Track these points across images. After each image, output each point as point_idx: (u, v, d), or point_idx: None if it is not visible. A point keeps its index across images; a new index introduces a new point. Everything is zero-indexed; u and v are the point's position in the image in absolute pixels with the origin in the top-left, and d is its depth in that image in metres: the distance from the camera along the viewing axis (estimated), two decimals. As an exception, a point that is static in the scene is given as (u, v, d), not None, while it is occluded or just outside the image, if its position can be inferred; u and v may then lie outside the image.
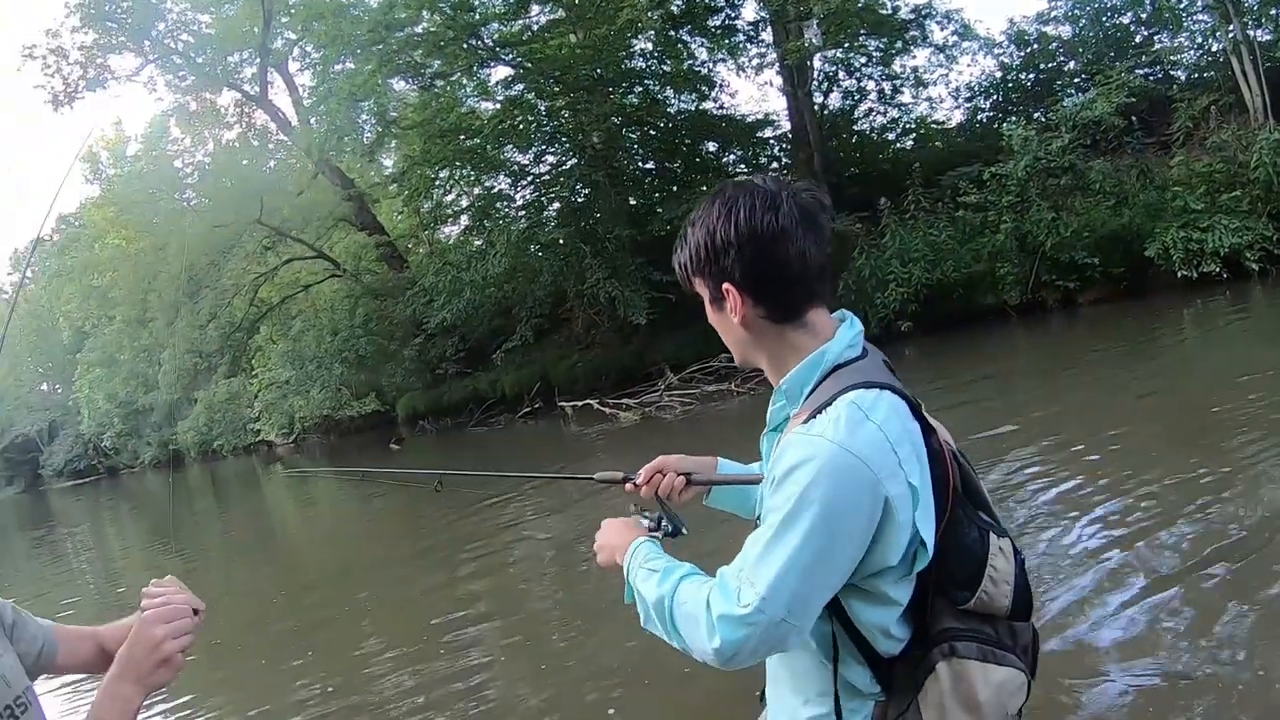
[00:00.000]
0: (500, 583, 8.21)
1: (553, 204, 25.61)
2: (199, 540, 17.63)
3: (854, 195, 21.13)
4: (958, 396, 11.94)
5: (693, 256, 1.63)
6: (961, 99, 26.36)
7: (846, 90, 25.81)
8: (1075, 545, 5.76)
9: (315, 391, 31.19)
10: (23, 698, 1.59)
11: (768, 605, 1.41)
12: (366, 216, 30.83)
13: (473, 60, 24.56)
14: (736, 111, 26.41)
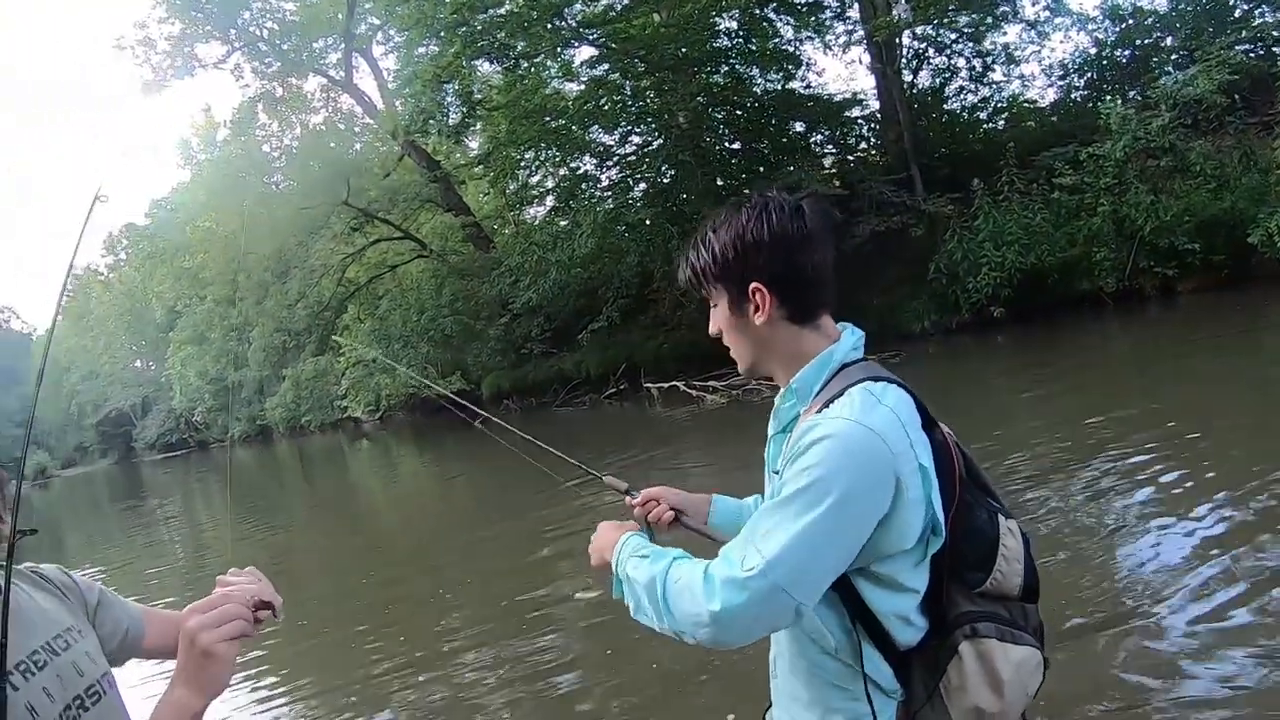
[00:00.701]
0: (579, 564, 8.31)
1: (639, 185, 25.69)
2: (284, 514, 18.18)
3: (944, 176, 20.75)
4: (1052, 385, 11.75)
5: (717, 259, 1.67)
6: (1054, 77, 25.54)
7: (936, 68, 25.20)
8: (1178, 540, 5.61)
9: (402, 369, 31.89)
10: (96, 686, 1.54)
11: (771, 569, 1.43)
12: (452, 197, 31.26)
13: (556, 41, 24.62)
14: (824, 90, 26.04)
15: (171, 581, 12.43)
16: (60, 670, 1.48)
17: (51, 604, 1.61)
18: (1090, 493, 6.71)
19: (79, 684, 1.50)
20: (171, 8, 31.44)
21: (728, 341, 1.75)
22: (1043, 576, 1.70)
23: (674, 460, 10.67)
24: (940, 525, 1.54)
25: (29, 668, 1.43)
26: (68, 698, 1.46)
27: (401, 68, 28.25)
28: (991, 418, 10.36)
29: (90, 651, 1.58)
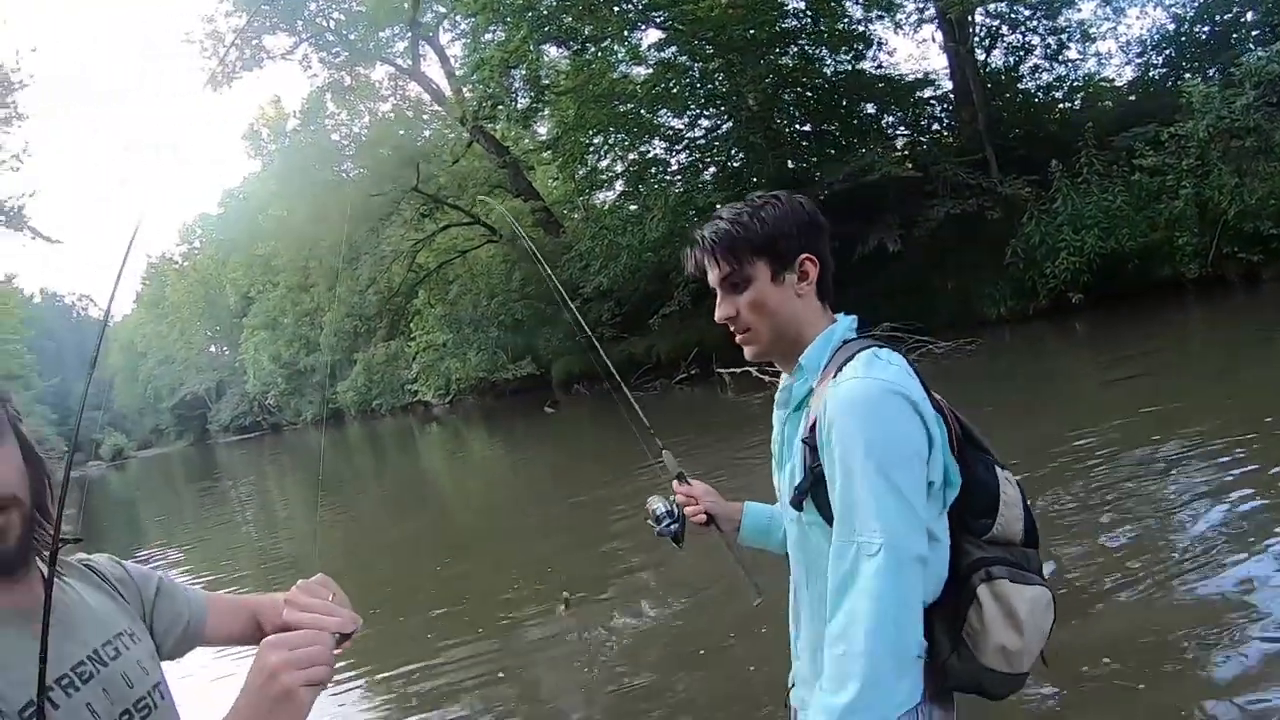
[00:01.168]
0: (642, 545, 8.32)
1: (709, 168, 25.73)
2: (355, 494, 18.65)
3: (1020, 158, 20.40)
4: (1132, 373, 11.65)
5: (764, 229, 1.77)
6: (1131, 54, 24.98)
7: (1010, 46, 24.69)
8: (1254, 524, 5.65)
9: (472, 354, 32.49)
10: (146, 699, 1.41)
11: (890, 535, 1.51)
12: (522, 183, 31.59)
13: (623, 24, 24.73)
14: (895, 71, 25.75)
15: (244, 560, 12.85)
16: (107, 682, 1.35)
17: (102, 603, 1.48)
18: (1169, 480, 6.79)
19: (128, 697, 1.37)
20: (238, 1, 32.11)
21: (751, 318, 1.80)
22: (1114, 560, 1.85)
23: (745, 446, 10.83)
24: (954, 474, 1.65)
25: (72, 682, 1.30)
26: (115, 713, 1.34)
27: (468, 54, 28.57)
28: (1070, 407, 10.37)
29: (142, 659, 1.45)
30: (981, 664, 1.64)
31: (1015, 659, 1.65)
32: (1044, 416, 10.09)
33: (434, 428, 32.43)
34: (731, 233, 1.79)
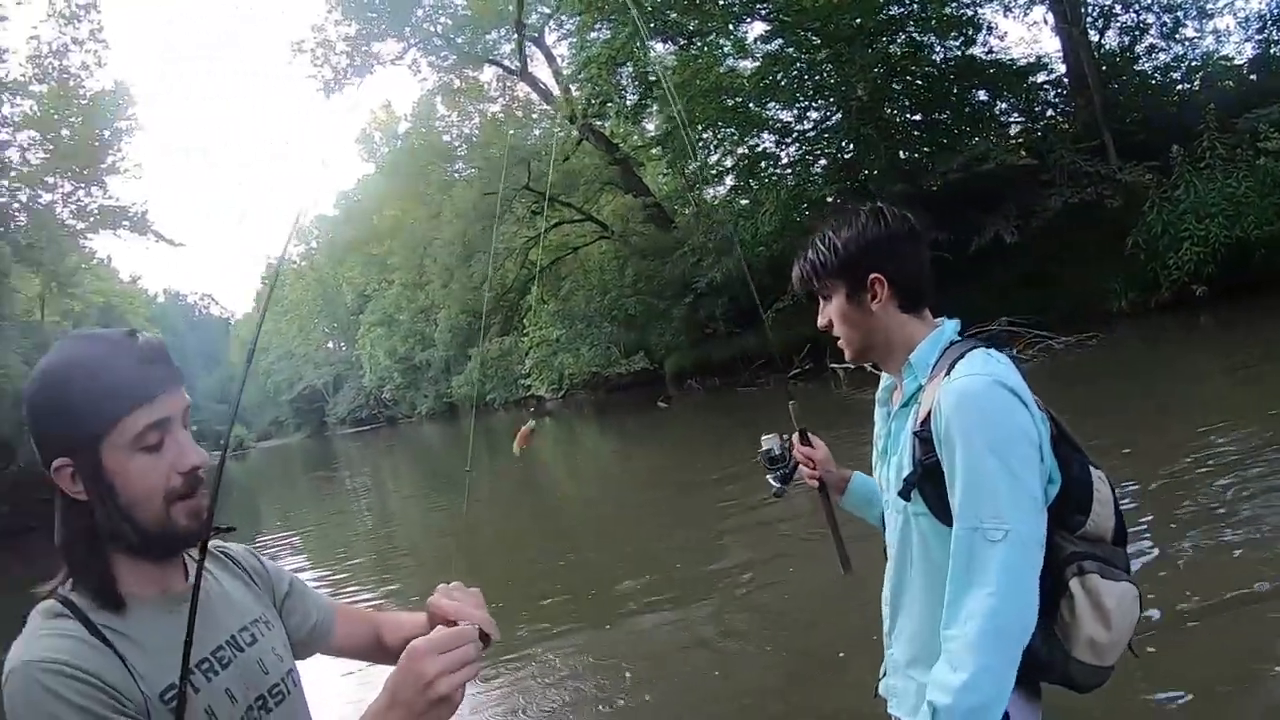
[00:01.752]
0: (750, 538, 8.42)
1: (819, 161, 25.94)
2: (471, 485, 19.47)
3: (1139, 143, 19.89)
4: (1261, 370, 11.43)
5: (839, 254, 1.93)
6: (1251, 30, 23.99)
7: (1124, 25, 24.09)
8: None
9: (585, 349, 33.44)
10: (280, 686, 1.46)
11: (1012, 522, 1.62)
12: (632, 179, 32.41)
13: (728, 17, 25.13)
14: (1006, 56, 25.42)
15: (359, 548, 13.40)
16: (244, 668, 1.41)
17: (239, 590, 1.54)
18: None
19: (263, 683, 1.43)
20: (347, 10, 33.59)
21: (839, 330, 1.99)
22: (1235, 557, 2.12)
23: (860, 442, 11.12)
24: (1054, 472, 1.75)
25: (212, 666, 1.36)
26: (250, 698, 1.39)
27: (575, 53, 29.39)
28: (1197, 405, 10.24)
29: (277, 646, 1.51)
30: (1071, 655, 1.74)
31: (1103, 651, 1.75)
32: (1169, 415, 10.05)
33: (547, 421, 33.20)
34: (813, 257, 1.98)
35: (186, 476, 1.32)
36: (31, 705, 1.17)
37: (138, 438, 1.29)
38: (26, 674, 1.18)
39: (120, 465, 1.29)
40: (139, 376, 1.30)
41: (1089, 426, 8.07)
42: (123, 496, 1.29)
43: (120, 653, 1.24)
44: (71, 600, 1.29)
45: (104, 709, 1.18)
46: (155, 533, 1.31)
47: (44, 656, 1.19)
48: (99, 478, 1.29)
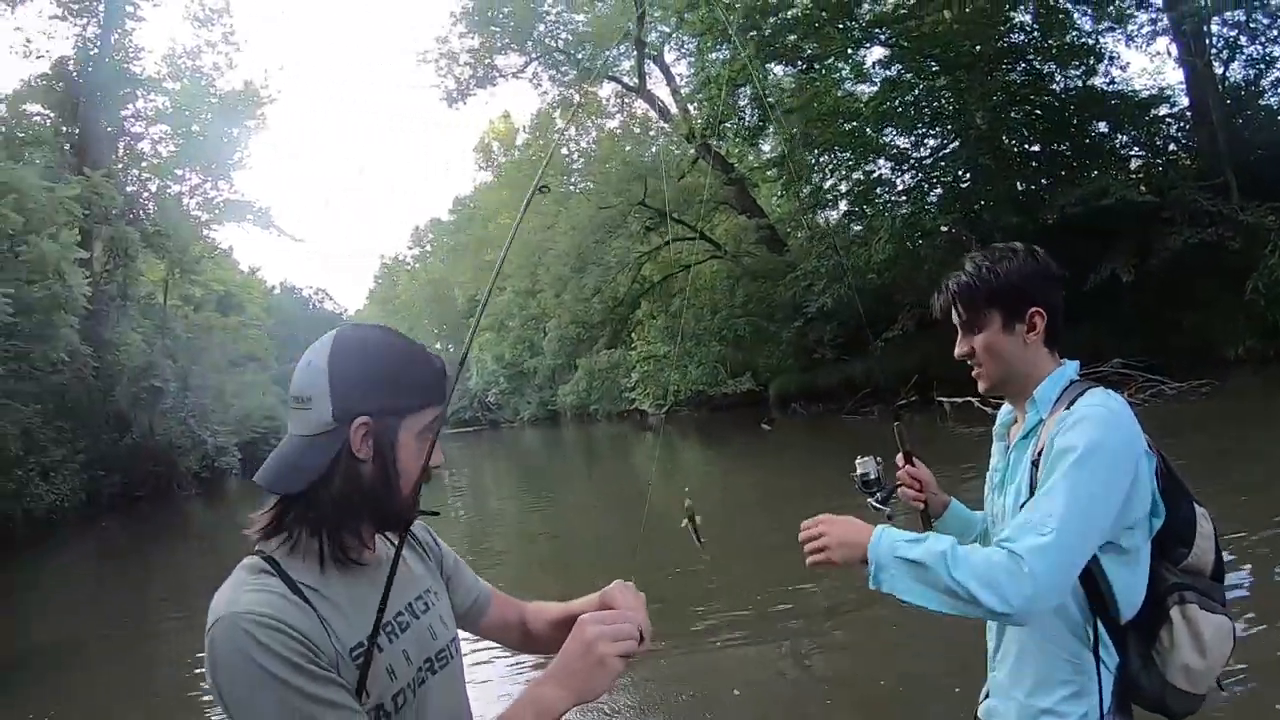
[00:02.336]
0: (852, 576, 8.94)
1: (935, 189, 26.12)
2: (566, 490, 20.12)
3: (1264, 182, 19.48)
4: None
5: (999, 284, 2.01)
6: None
7: (1249, 58, 23.37)
8: None
9: (692, 367, 34.29)
10: (445, 651, 1.61)
11: (1064, 529, 1.69)
12: (746, 200, 33.30)
13: (846, 41, 25.69)
14: (1128, 87, 24.97)
15: (459, 546, 14.33)
16: (418, 633, 1.55)
17: (415, 562, 1.69)
18: None
19: (432, 647, 1.57)
20: (471, 23, 35.22)
21: (983, 358, 2.06)
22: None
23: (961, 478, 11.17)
24: (1160, 506, 1.85)
25: (394, 629, 1.49)
26: (420, 660, 1.53)
27: (695, 73, 30.28)
28: None
29: (444, 615, 1.66)
30: (1167, 680, 1.84)
31: (1197, 679, 1.83)
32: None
33: (648, 436, 33.90)
34: (971, 284, 2.04)
35: (433, 471, 1.53)
36: (238, 652, 1.29)
37: (426, 428, 1.50)
38: (234, 624, 1.30)
39: (406, 444, 1.48)
40: (439, 384, 1.54)
41: (1198, 471, 8.39)
42: (395, 468, 1.47)
43: (317, 610, 1.37)
44: (274, 559, 1.42)
45: (304, 660, 1.31)
46: (399, 510, 1.50)
47: (251, 609, 1.31)
48: (388, 448, 1.46)
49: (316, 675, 1.31)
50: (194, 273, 37.55)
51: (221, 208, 36.22)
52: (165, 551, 18.87)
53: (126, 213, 29.69)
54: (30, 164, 23.28)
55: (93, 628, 10.66)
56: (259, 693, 1.28)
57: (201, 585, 8.28)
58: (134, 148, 33.73)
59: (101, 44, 30.92)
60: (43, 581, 16.29)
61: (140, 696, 7.77)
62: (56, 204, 22.02)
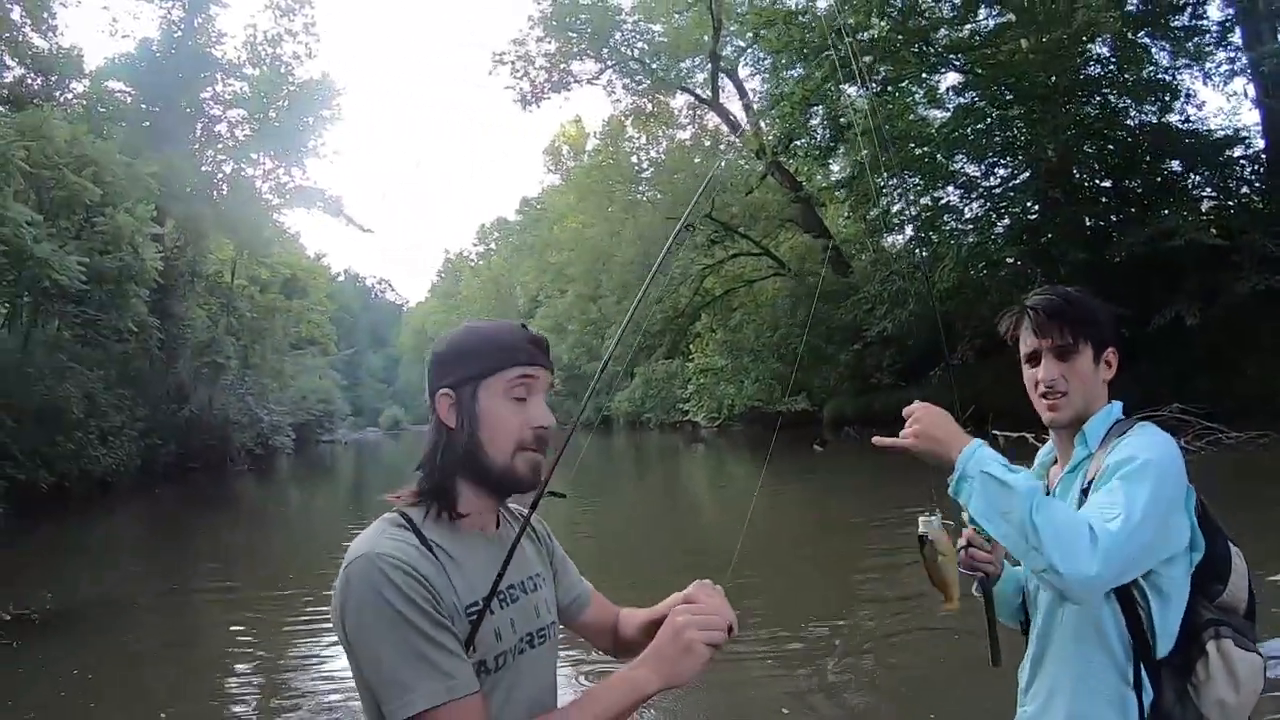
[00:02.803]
0: (889, 587, 8.69)
1: (1002, 220, 26.18)
2: (613, 496, 20.16)
3: None
4: None
5: (1095, 316, 2.04)
6: None
7: None
8: None
9: (748, 382, 34.61)
10: (545, 630, 1.70)
11: (1130, 522, 1.71)
12: (813, 219, 33.54)
13: (922, 66, 26.04)
14: (1203, 126, 24.63)
15: None
16: (525, 607, 1.64)
17: (529, 545, 1.78)
18: None
19: (535, 624, 1.66)
20: (548, 28, 35.97)
21: (1073, 388, 2.02)
22: None
23: None
24: (1200, 539, 1.87)
25: (506, 598, 1.60)
26: (522, 632, 1.62)
27: (769, 89, 30.65)
28: None
29: (548, 599, 1.75)
30: (1202, 714, 1.84)
31: (1230, 713, 1.84)
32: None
33: (699, 449, 34.16)
34: (1070, 310, 2.03)
35: (535, 432, 1.59)
36: (369, 587, 1.43)
37: (508, 387, 1.58)
38: (369, 562, 1.44)
39: (490, 406, 1.58)
40: (521, 345, 1.61)
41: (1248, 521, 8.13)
42: (484, 432, 1.58)
43: (444, 565, 1.50)
44: (409, 515, 1.56)
45: (427, 605, 1.43)
46: (499, 470, 1.59)
47: (386, 552, 1.45)
48: (471, 411, 1.58)
49: (435, 620, 1.43)
50: (262, 255, 38.71)
51: (292, 193, 37.20)
52: (213, 522, 19.53)
53: (200, 192, 30.85)
54: (110, 139, 24.23)
55: (136, 589, 11.14)
56: (383, 626, 1.42)
57: (245, 557, 9.12)
58: (211, 129, 34.89)
59: (185, 27, 32.22)
60: (92, 541, 16.97)
61: (177, 657, 8.21)
62: (134, 179, 23.01)
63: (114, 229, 21.96)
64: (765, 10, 28.98)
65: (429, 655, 1.42)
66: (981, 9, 25.60)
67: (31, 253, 18.30)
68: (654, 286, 24.57)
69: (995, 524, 1.76)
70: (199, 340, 30.94)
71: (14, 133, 18.86)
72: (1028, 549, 1.70)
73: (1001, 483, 1.76)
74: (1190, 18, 23.64)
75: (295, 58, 35.51)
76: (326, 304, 49.89)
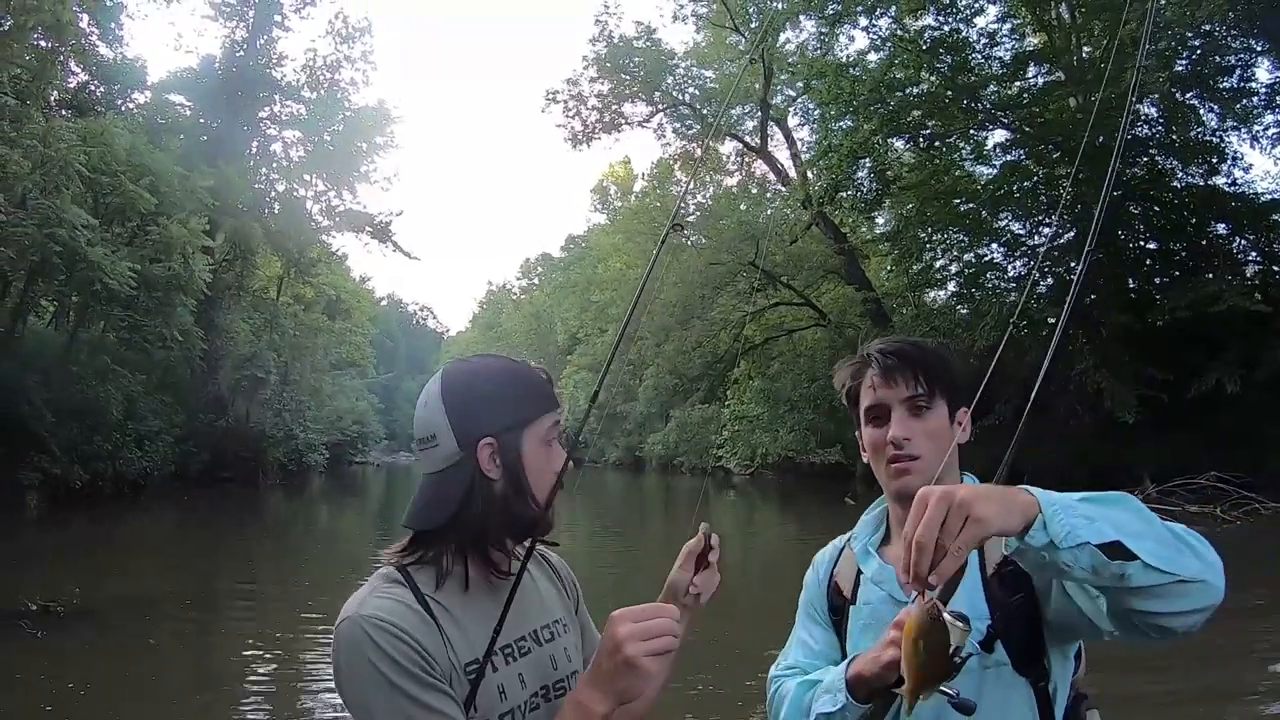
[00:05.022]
0: None
1: (1045, 279, 25.87)
2: (637, 536, 20.68)
3: None
4: None
5: (955, 372, 1.84)
6: None
7: None
8: None
9: (784, 431, 34.55)
10: (564, 683, 1.63)
11: None
12: (855, 271, 33.51)
13: (970, 122, 26.15)
14: (1250, 189, 24.63)
15: None
16: (538, 660, 1.59)
17: (550, 592, 1.73)
18: None
19: (550, 676, 1.60)
20: (602, 69, 36.59)
21: (926, 448, 1.75)
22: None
23: None
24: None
25: (514, 653, 1.55)
26: (536, 686, 1.57)
27: (819, 139, 30.88)
28: None
29: (569, 647, 1.68)
30: None
31: None
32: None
33: (730, 494, 34.05)
34: (923, 357, 1.82)
35: (557, 474, 1.61)
36: (355, 650, 1.41)
37: (546, 433, 1.59)
38: (356, 624, 1.42)
39: (532, 452, 1.57)
40: (548, 391, 1.63)
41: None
42: (525, 479, 1.56)
43: (440, 623, 1.47)
44: (408, 571, 1.53)
45: (414, 667, 1.40)
46: (535, 518, 1.57)
47: (374, 614, 1.42)
48: (515, 458, 1.55)
49: (425, 682, 1.40)
50: (308, 274, 39.23)
51: (342, 216, 37.99)
52: (241, 531, 19.91)
53: (252, 208, 31.58)
54: (168, 150, 24.92)
55: (160, 589, 11.36)
56: (370, 690, 1.40)
57: (266, 568, 9.22)
58: (266, 148, 36.05)
59: (248, 47, 33.35)
60: (121, 540, 17.39)
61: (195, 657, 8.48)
62: (189, 191, 23.63)
63: (166, 238, 22.59)
64: (816, 62, 29.27)
65: (416, 718, 1.40)
66: (1031, 67, 25.81)
67: (85, 255, 18.84)
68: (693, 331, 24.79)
69: (1127, 529, 1.30)
70: (240, 353, 31.50)
71: (76, 138, 19.50)
72: (1179, 549, 1.32)
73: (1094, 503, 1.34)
74: (1238, 80, 23.64)
75: (352, 84, 36.67)
76: (368, 327, 50.63)
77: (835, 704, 1.65)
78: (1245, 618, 8.59)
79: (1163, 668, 7.31)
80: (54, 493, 19.17)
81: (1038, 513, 1.28)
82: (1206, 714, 6.80)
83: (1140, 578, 1.28)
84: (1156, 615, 1.33)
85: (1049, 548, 1.28)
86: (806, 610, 1.98)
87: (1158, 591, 1.30)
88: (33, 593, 8.98)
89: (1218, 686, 7.25)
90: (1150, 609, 1.32)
